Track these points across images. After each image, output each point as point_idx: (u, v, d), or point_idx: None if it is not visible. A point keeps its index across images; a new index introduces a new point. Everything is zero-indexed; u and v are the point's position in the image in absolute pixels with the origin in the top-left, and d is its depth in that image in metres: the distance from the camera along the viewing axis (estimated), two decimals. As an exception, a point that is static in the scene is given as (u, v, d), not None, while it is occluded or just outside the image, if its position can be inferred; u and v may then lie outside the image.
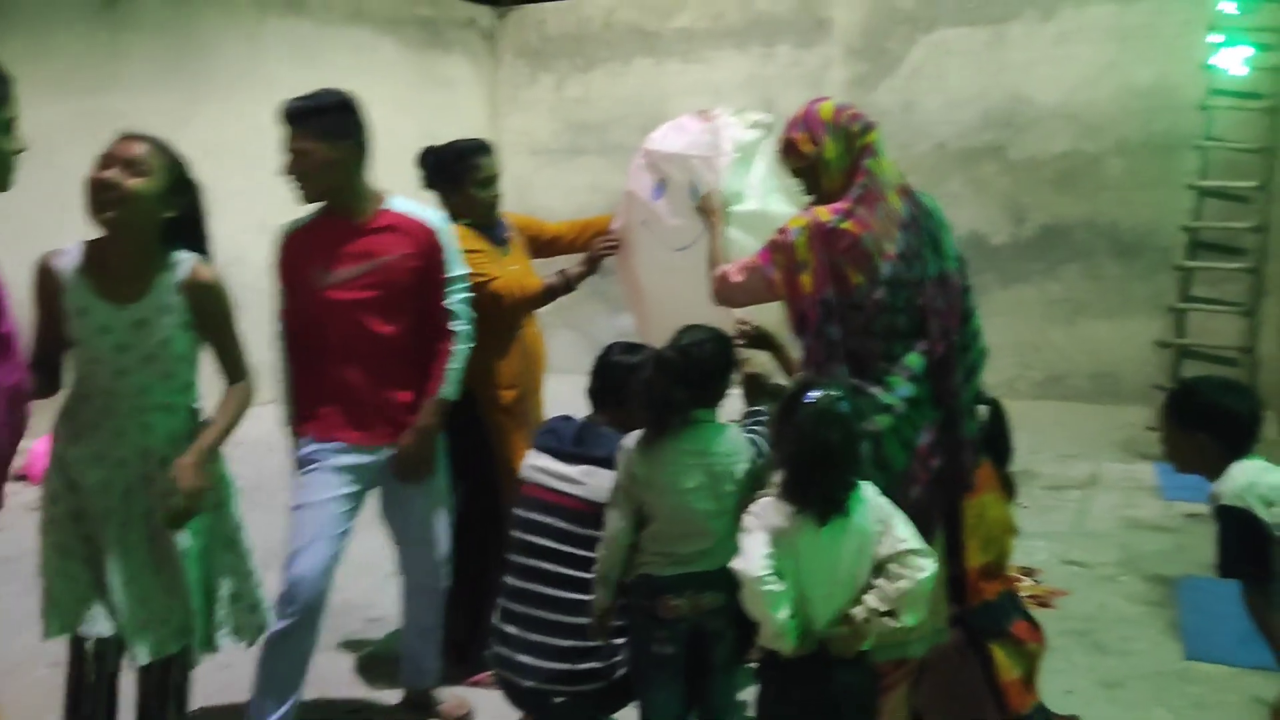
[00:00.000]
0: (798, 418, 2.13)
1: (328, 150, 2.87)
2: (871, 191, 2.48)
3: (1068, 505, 5.51)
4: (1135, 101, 7.92)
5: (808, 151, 2.59)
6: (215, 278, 2.53)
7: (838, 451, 2.10)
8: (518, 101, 10.30)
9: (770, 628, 2.11)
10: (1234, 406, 2.49)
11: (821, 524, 2.10)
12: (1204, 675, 3.44)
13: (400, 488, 3.04)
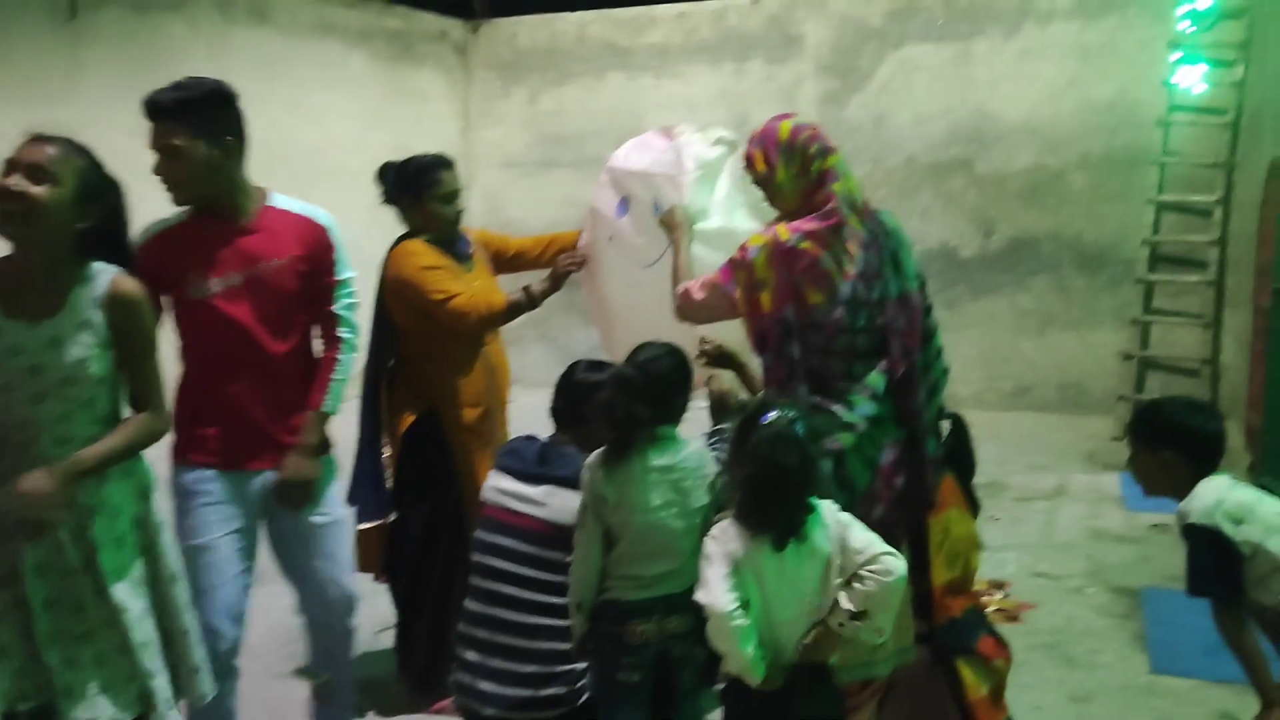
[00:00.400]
0: (753, 441, 2.13)
1: (205, 149, 2.57)
2: (836, 212, 2.48)
3: (1035, 517, 5.55)
4: (1097, 117, 8.03)
5: (761, 170, 2.61)
6: (137, 292, 2.29)
7: (794, 474, 2.09)
8: (490, 115, 10.28)
9: (738, 662, 2.10)
10: (1200, 425, 2.51)
11: (779, 547, 2.10)
12: (1169, 689, 3.47)
13: (287, 516, 2.74)
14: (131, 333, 2.29)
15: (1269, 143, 6.49)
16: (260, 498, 2.69)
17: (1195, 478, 2.46)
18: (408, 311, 3.34)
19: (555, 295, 3.46)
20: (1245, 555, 2.35)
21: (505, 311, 3.34)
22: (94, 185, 2.25)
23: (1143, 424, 2.59)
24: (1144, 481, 2.61)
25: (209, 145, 2.58)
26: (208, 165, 2.59)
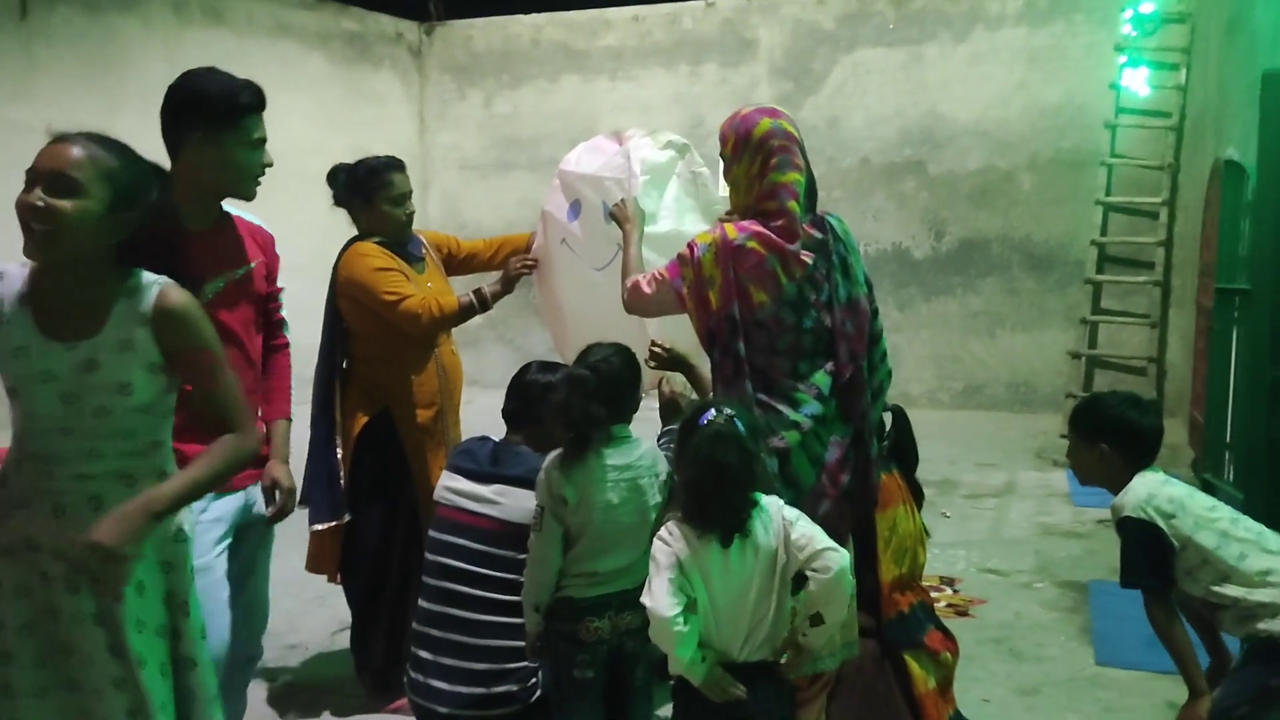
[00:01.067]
0: (693, 442, 2.16)
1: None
2: (788, 228, 2.49)
3: (986, 514, 5.64)
4: (1045, 120, 8.19)
5: (725, 153, 2.62)
6: (188, 304, 2.00)
7: (734, 472, 2.12)
8: (446, 117, 10.26)
9: (679, 665, 2.12)
10: (1137, 420, 2.57)
11: (725, 544, 2.12)
12: (1113, 680, 3.54)
13: (255, 532, 2.63)
14: (187, 349, 1.99)
15: (1211, 146, 6.66)
16: (240, 513, 2.55)
17: (1131, 471, 2.52)
18: (359, 313, 3.34)
19: (513, 297, 3.46)
20: (1175, 548, 2.41)
21: (457, 314, 3.34)
22: (128, 189, 1.94)
23: (1082, 417, 2.65)
24: (1081, 472, 2.67)
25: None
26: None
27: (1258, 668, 2.36)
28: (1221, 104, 6.46)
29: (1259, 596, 2.32)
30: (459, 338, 3.74)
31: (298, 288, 2.97)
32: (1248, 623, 2.34)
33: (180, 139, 2.47)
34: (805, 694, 2.52)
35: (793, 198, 2.51)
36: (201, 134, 2.44)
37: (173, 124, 2.48)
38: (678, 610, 2.07)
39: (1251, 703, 2.33)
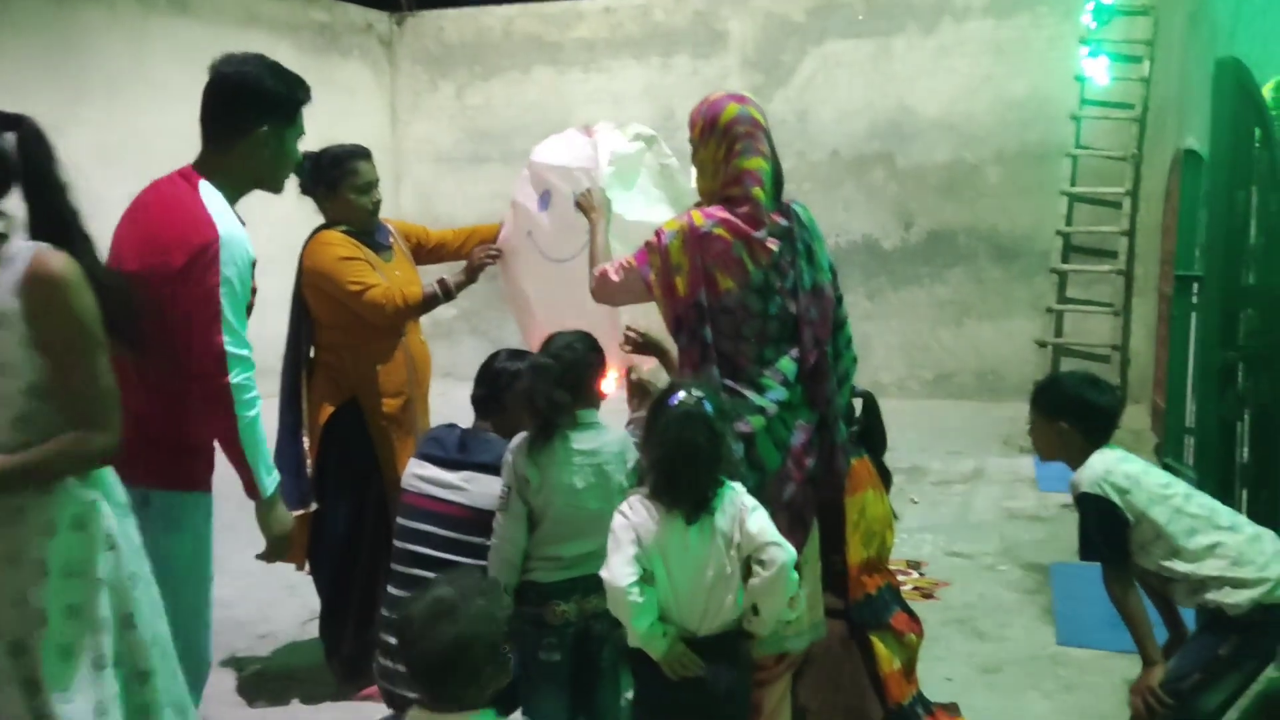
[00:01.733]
0: (663, 420, 2.19)
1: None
2: (753, 215, 2.53)
3: (953, 500, 5.72)
4: (1010, 112, 8.27)
5: (693, 137, 2.65)
6: (63, 270, 1.79)
7: (703, 451, 2.16)
8: (418, 109, 10.22)
9: (636, 636, 2.16)
10: (1093, 398, 2.65)
11: (690, 522, 2.16)
12: (1073, 659, 3.61)
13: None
14: (52, 321, 1.77)
15: (1173, 136, 6.75)
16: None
17: (1089, 448, 2.59)
18: (325, 302, 3.34)
19: (485, 288, 3.47)
20: (1130, 522, 2.48)
21: (421, 304, 3.36)
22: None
23: (1042, 396, 2.73)
24: (1041, 449, 2.74)
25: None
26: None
27: (1208, 638, 2.44)
28: (1183, 95, 6.56)
29: (1207, 570, 2.40)
30: (431, 329, 3.75)
31: (263, 278, 2.94)
32: (1197, 594, 2.42)
33: (239, 130, 2.44)
34: (771, 673, 2.56)
35: (757, 184, 2.54)
36: (268, 129, 2.45)
37: (229, 114, 2.46)
38: (633, 579, 2.11)
39: (1202, 670, 2.41)
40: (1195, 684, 2.40)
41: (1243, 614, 2.36)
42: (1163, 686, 2.42)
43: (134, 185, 2.50)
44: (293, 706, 3.32)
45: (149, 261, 2.29)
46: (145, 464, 2.21)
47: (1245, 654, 2.43)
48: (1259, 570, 2.38)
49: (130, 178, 9.11)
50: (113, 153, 7.68)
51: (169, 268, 2.26)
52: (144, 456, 2.20)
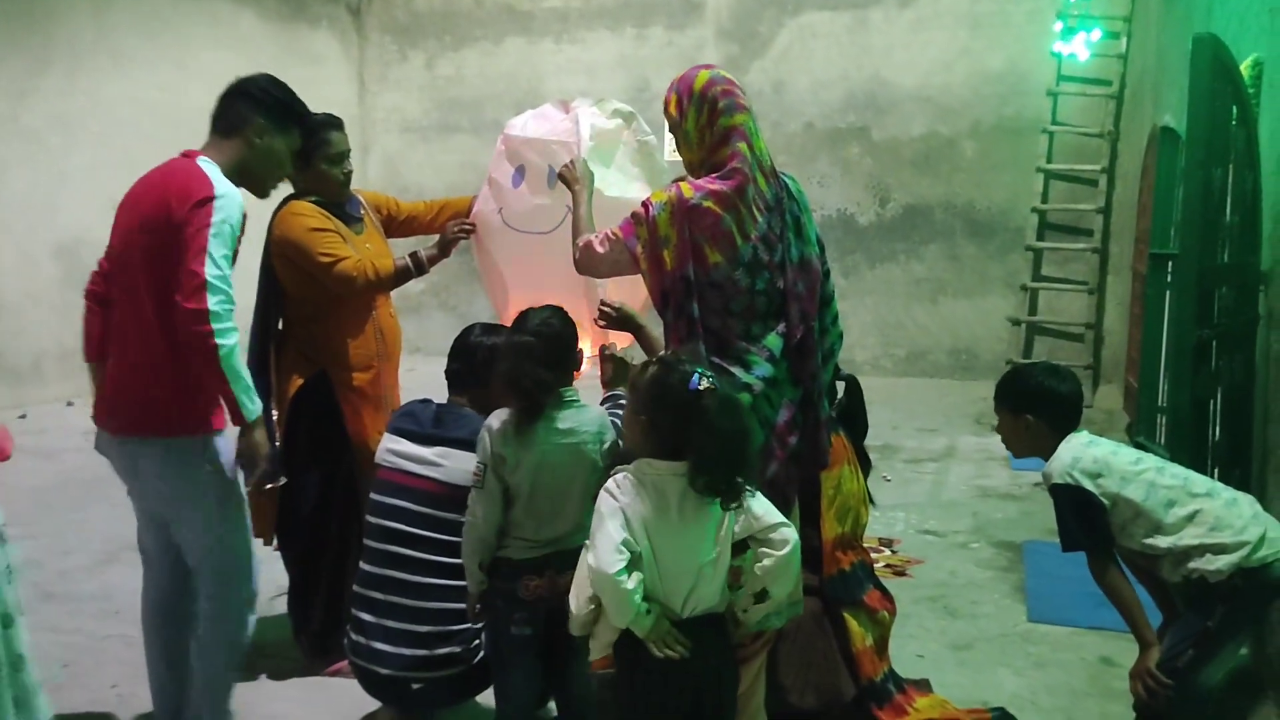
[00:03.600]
0: (705, 412, 2.10)
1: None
2: (743, 174, 2.49)
3: (925, 478, 5.73)
4: (987, 86, 8.25)
5: (672, 114, 2.61)
6: None
7: (747, 437, 2.14)
8: (387, 79, 10.08)
9: (624, 618, 2.11)
10: (1056, 388, 2.63)
11: (728, 507, 2.12)
12: (1044, 636, 3.62)
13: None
14: None
15: (1149, 113, 6.75)
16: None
17: (1058, 438, 2.57)
18: (294, 273, 3.27)
19: (456, 263, 3.42)
20: (1107, 506, 2.47)
21: (392, 277, 3.30)
22: None
23: (1005, 391, 2.70)
24: (1011, 445, 2.72)
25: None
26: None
27: (1194, 613, 2.43)
28: (1160, 71, 6.55)
29: (1187, 539, 2.39)
30: (400, 303, 3.68)
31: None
32: (1182, 565, 2.41)
33: (238, 119, 2.69)
34: (748, 650, 2.54)
35: (743, 139, 2.50)
36: (262, 123, 2.70)
37: (230, 107, 2.71)
38: (621, 565, 2.06)
39: (1194, 645, 2.40)
40: (1190, 660, 2.39)
41: (1224, 580, 2.36)
42: (1159, 667, 2.41)
43: (96, 154, 2.46)
44: (260, 682, 3.27)
45: (151, 215, 2.54)
46: (157, 415, 2.52)
47: (1233, 623, 2.43)
48: (1237, 534, 2.37)
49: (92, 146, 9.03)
50: (75, 121, 7.52)
51: (170, 219, 2.48)
52: (154, 409, 2.52)
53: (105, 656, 3.47)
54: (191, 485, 2.57)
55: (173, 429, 2.54)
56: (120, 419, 2.60)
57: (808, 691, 2.98)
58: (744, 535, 2.18)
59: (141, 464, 2.59)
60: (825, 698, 3.00)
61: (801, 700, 2.97)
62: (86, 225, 7.67)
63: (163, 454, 2.55)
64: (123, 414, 2.59)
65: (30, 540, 3.34)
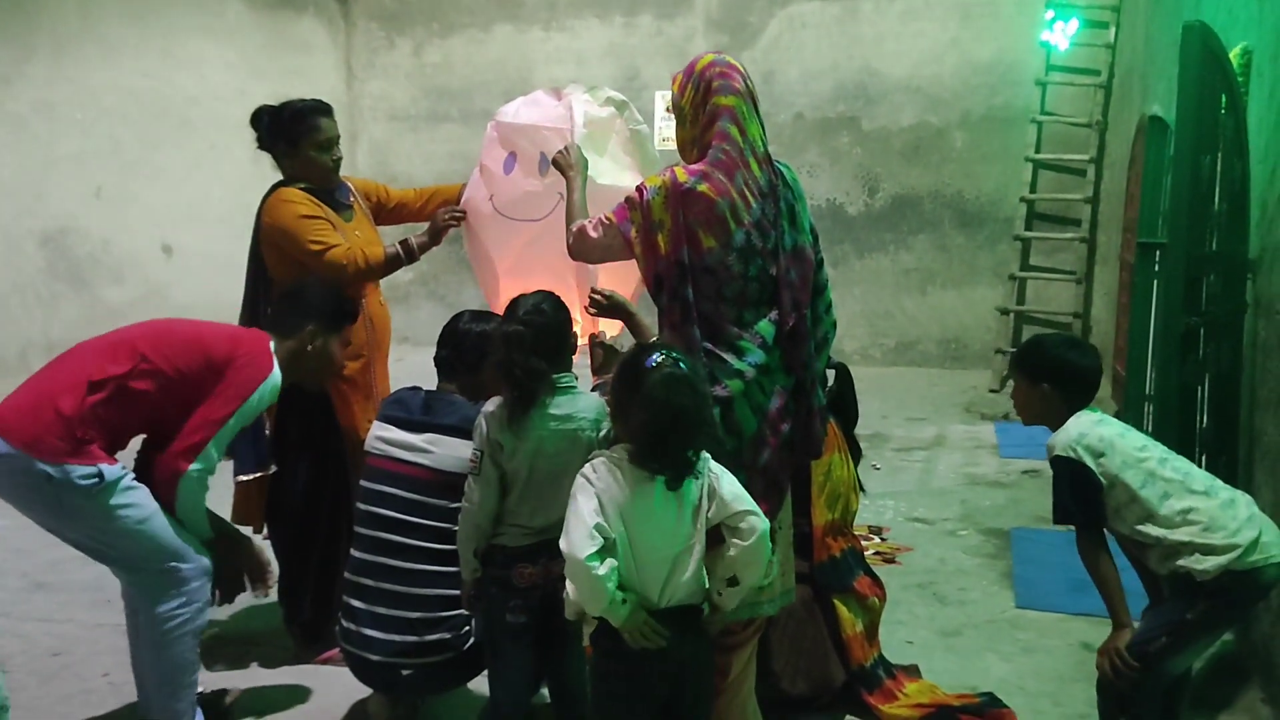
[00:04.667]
0: (645, 385, 2.12)
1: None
2: (731, 157, 2.48)
3: (915, 466, 5.75)
4: (976, 77, 8.26)
5: (674, 93, 2.63)
6: None
7: (690, 414, 2.10)
8: (375, 67, 10.02)
9: (598, 605, 2.10)
10: (1076, 360, 2.64)
11: (671, 489, 2.11)
12: (1032, 622, 3.64)
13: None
14: None
15: (1138, 103, 6.76)
16: None
17: (1069, 411, 2.58)
18: (283, 261, 3.26)
19: (444, 252, 3.41)
20: (1104, 486, 2.48)
21: (383, 265, 3.29)
22: None
23: (1025, 359, 2.71)
24: (1023, 411, 2.73)
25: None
26: None
27: (1177, 602, 2.44)
28: (1148, 61, 6.56)
29: (1178, 536, 2.40)
30: (388, 292, 3.67)
31: (216, 239, 2.88)
32: (1170, 560, 2.42)
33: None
34: (739, 637, 2.54)
35: (733, 122, 2.50)
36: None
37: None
38: (593, 550, 2.05)
39: (1169, 634, 2.41)
40: (1161, 647, 2.41)
41: (1211, 580, 2.37)
42: (1129, 648, 2.43)
43: (82, 142, 2.43)
44: (251, 670, 3.27)
45: (215, 350, 2.72)
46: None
47: (1212, 619, 2.44)
48: (1229, 536, 2.38)
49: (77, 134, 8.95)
50: (60, 109, 7.45)
51: (219, 365, 2.69)
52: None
53: (97, 646, 3.46)
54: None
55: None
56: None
57: (798, 678, 3.00)
58: (716, 521, 2.16)
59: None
60: (816, 684, 3.02)
61: (793, 686, 2.99)
62: (72, 214, 7.62)
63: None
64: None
65: (20, 530, 3.31)
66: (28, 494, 2.58)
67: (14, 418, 2.56)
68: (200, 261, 8.28)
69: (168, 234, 8.29)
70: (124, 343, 2.69)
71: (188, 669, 2.72)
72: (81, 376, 2.60)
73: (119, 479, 2.59)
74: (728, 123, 2.51)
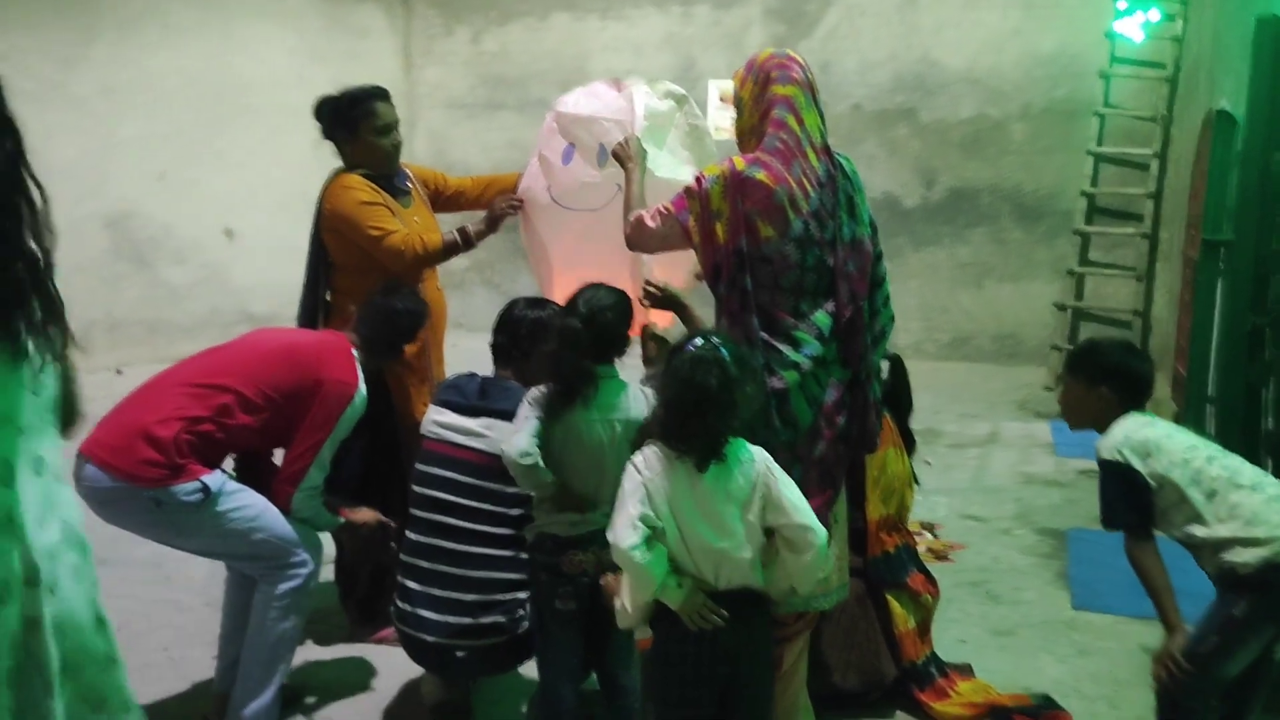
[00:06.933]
0: (674, 364, 2.14)
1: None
2: (788, 145, 2.48)
3: (968, 463, 5.68)
4: (1038, 68, 8.10)
5: (735, 86, 2.65)
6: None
7: (714, 395, 2.09)
8: (432, 54, 10.08)
9: (646, 592, 2.12)
10: (1134, 365, 2.60)
11: (701, 469, 2.10)
12: (1088, 624, 3.59)
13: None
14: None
15: (1204, 98, 6.60)
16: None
17: (1121, 415, 2.54)
18: (343, 246, 3.30)
19: (499, 239, 3.43)
20: (1152, 488, 2.43)
21: (441, 252, 3.32)
22: None
23: (1082, 362, 2.67)
24: (1072, 414, 2.68)
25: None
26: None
27: (1223, 599, 2.40)
28: (1216, 55, 6.40)
29: (1223, 532, 2.35)
30: (443, 279, 3.70)
31: (276, 223, 2.91)
32: (1215, 557, 2.38)
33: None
34: (791, 629, 2.54)
35: (790, 110, 2.50)
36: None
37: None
38: (636, 541, 2.06)
39: (1219, 632, 2.37)
40: (1213, 648, 2.36)
41: (1253, 572, 2.33)
42: (1183, 653, 2.38)
43: (144, 125, 2.45)
44: (307, 647, 3.32)
45: (305, 373, 2.81)
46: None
47: (1259, 615, 2.39)
48: (1272, 530, 2.33)
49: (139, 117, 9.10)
50: (123, 91, 7.60)
51: (311, 388, 2.79)
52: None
53: (156, 621, 3.54)
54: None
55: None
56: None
57: (850, 672, 2.99)
58: (771, 525, 2.15)
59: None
60: (867, 679, 3.00)
61: (843, 681, 2.98)
62: (134, 198, 7.78)
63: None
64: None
65: (78, 507, 3.40)
66: (139, 521, 2.67)
67: (110, 453, 2.60)
68: (260, 245, 8.41)
69: (228, 218, 8.43)
70: (216, 375, 2.76)
71: (290, 645, 2.81)
72: (176, 411, 2.66)
73: (222, 486, 2.66)
74: (784, 111, 2.52)
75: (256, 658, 2.76)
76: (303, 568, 2.77)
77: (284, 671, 2.82)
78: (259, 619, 2.76)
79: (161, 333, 7.79)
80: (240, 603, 2.88)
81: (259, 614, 2.76)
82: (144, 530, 2.71)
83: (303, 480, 2.76)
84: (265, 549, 2.73)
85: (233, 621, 2.90)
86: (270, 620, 2.75)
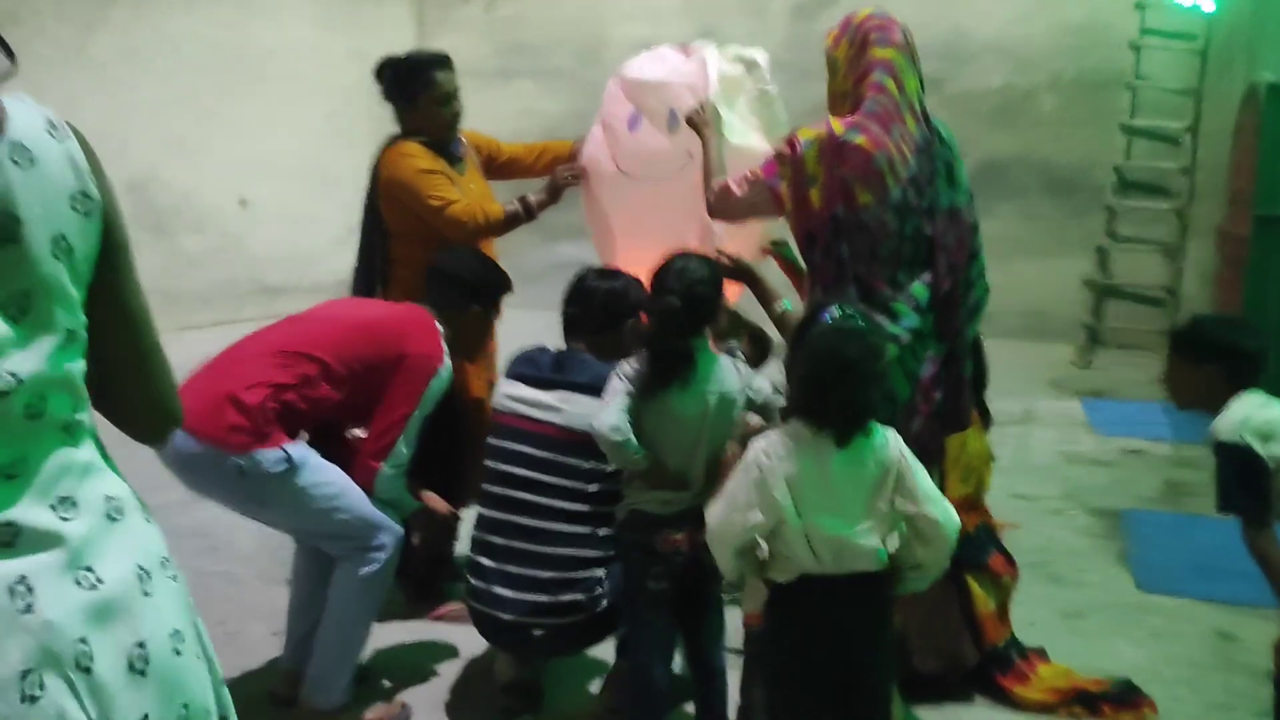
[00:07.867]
0: (813, 335, 2.02)
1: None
2: (886, 109, 2.37)
3: (1008, 440, 5.57)
4: (1068, 38, 7.96)
5: (827, 46, 2.54)
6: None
7: (857, 365, 1.97)
8: (447, 21, 9.90)
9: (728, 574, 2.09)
10: (1242, 341, 2.50)
11: (841, 444, 1.99)
12: (1159, 606, 3.51)
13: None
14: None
15: (1240, 70, 6.50)
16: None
17: (1232, 394, 2.44)
18: (401, 214, 3.20)
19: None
20: (1272, 470, 2.34)
21: (502, 222, 3.22)
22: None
23: (1186, 340, 2.56)
24: (1179, 395, 2.58)
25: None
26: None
27: None
28: (1257, 26, 6.29)
29: None
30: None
31: (290, 192, 2.80)
32: None
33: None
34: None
35: (889, 74, 2.40)
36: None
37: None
38: (742, 532, 2.02)
39: None
40: None
41: None
42: None
43: (161, 90, 2.33)
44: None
45: (388, 346, 2.71)
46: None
47: None
48: None
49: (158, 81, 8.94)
50: (141, 55, 7.43)
51: (394, 361, 2.70)
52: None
53: (210, 594, 3.45)
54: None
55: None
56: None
57: (930, 655, 2.91)
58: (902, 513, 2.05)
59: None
60: (948, 662, 2.93)
61: (923, 664, 2.90)
62: (153, 164, 7.62)
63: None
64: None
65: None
66: (224, 488, 2.58)
67: (196, 417, 2.49)
68: (274, 214, 8.27)
69: (243, 186, 8.28)
70: (301, 344, 2.67)
71: (367, 626, 2.74)
72: (263, 376, 2.58)
73: (305, 459, 2.58)
74: (884, 75, 2.41)
75: (334, 638, 2.67)
76: (382, 551, 2.67)
77: (359, 652, 2.74)
78: (339, 601, 2.67)
79: (181, 302, 7.65)
80: (311, 576, 2.79)
81: (339, 596, 2.67)
82: (229, 500, 2.63)
83: (389, 455, 2.66)
84: (348, 529, 2.64)
85: (302, 597, 2.81)
86: (350, 603, 2.67)
